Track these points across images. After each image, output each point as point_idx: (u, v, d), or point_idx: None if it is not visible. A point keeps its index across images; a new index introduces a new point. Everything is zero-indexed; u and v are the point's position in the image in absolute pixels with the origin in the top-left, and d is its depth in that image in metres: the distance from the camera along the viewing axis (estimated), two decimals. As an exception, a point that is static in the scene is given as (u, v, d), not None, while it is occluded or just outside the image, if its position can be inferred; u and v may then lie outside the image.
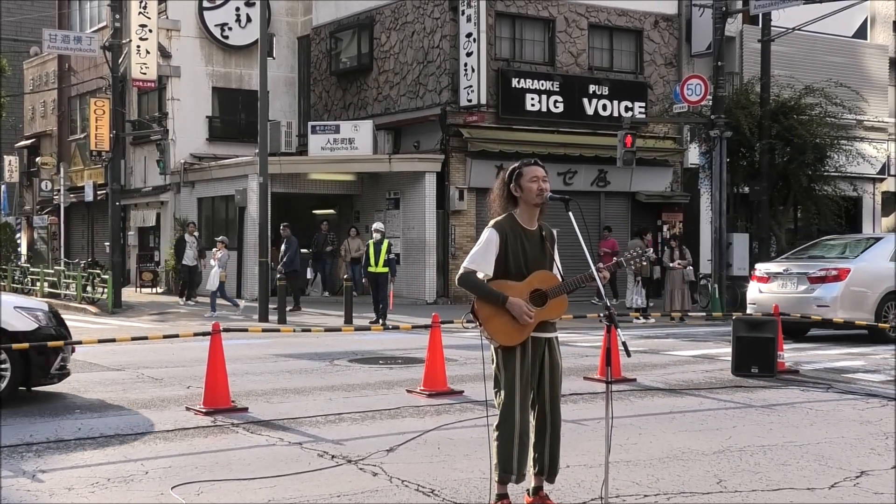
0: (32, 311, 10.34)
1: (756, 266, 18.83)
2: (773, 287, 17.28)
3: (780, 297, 16.54)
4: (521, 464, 5.83)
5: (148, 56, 28.55)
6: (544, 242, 5.94)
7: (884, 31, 33.37)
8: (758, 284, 17.70)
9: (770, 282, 17.42)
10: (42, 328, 10.20)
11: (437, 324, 10.86)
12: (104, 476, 6.93)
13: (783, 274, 17.28)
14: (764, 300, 16.94)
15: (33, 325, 10.11)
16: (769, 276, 17.54)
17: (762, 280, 17.62)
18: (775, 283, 17.33)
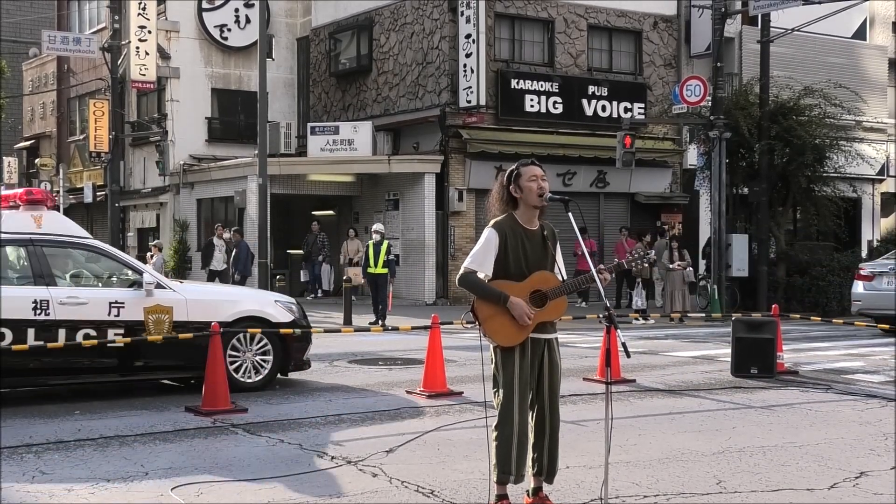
0: (288, 304, 11.43)
1: (861, 265, 19.95)
2: (878, 284, 17.97)
3: (884, 294, 17.29)
4: (520, 464, 5.83)
5: (147, 57, 28.55)
6: (546, 242, 5.93)
7: (883, 31, 33.38)
8: (862, 282, 18.69)
9: (874, 280, 18.08)
10: (296, 320, 11.25)
11: (437, 325, 10.86)
12: (104, 477, 6.93)
13: (888, 272, 18.22)
14: (869, 297, 18.09)
15: (290, 317, 11.17)
16: (874, 274, 18.49)
17: (866, 279, 18.33)
18: (880, 280, 17.97)
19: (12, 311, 9.62)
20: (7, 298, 9.61)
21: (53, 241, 10.33)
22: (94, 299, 10.12)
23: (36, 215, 10.41)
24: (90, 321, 10.00)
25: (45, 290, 9.89)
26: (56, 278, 10.14)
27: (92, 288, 10.42)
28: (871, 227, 32.09)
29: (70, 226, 10.86)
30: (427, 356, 10.76)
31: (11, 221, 10.27)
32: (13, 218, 10.33)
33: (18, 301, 9.69)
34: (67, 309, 9.89)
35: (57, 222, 10.67)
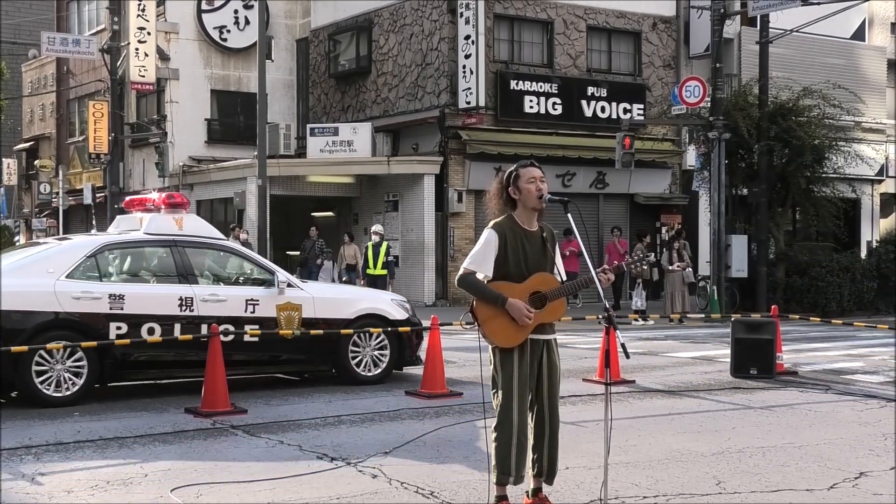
0: (402, 302, 12.18)
1: None
2: None
3: None
4: (520, 465, 5.83)
5: (146, 58, 28.55)
6: (545, 244, 5.93)
7: (882, 32, 33.39)
8: None
9: None
10: (410, 317, 11.97)
11: (436, 326, 10.86)
12: (103, 479, 6.93)
13: None
14: None
15: (405, 315, 11.89)
16: None
17: None
18: None
19: (161, 307, 10.42)
20: (156, 295, 10.49)
21: (193, 243, 11.08)
22: (233, 297, 10.86)
23: (177, 218, 11.19)
24: (229, 317, 10.70)
25: (188, 287, 10.64)
26: (197, 277, 10.89)
27: (230, 286, 11.11)
28: (871, 228, 32.10)
29: (207, 228, 11.60)
30: (426, 357, 10.76)
31: (155, 224, 11.05)
32: (157, 220, 11.09)
33: (165, 298, 10.48)
34: (209, 305, 10.64)
35: (195, 224, 11.48)
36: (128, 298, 10.28)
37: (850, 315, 23.84)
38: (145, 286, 10.69)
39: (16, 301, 9.78)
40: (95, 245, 10.60)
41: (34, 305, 9.89)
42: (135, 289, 10.52)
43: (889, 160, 31.68)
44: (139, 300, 10.37)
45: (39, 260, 10.41)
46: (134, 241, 10.98)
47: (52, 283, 10.01)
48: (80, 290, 10.10)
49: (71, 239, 11.18)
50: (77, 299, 10.04)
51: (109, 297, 10.19)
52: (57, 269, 10.19)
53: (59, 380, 9.90)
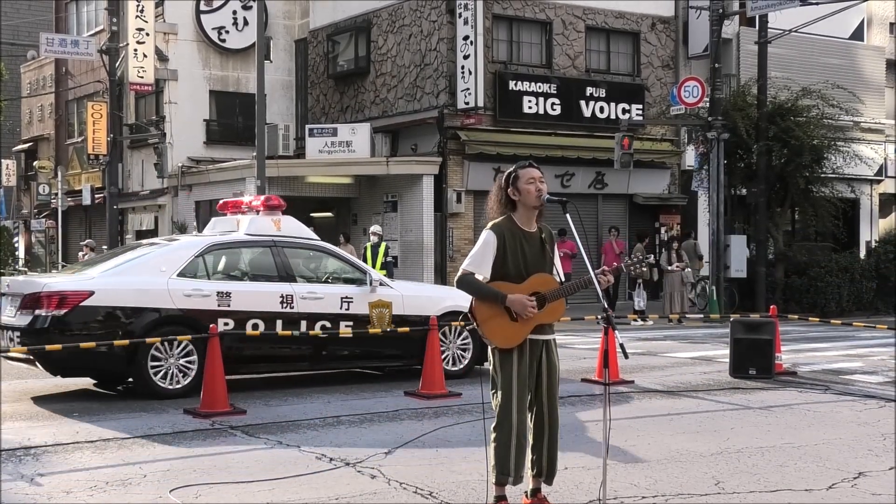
0: None
1: None
2: None
3: None
4: (519, 465, 5.83)
5: (145, 59, 28.55)
6: (544, 244, 5.93)
7: (880, 32, 33.40)
8: None
9: None
10: None
11: (435, 326, 10.86)
12: (102, 479, 6.93)
13: None
14: None
15: None
16: None
17: None
18: None
19: (264, 304, 10.98)
20: (259, 293, 11.05)
21: (291, 243, 11.71)
22: (329, 294, 11.44)
23: (275, 219, 11.87)
24: (326, 314, 11.30)
25: (289, 286, 11.23)
26: (296, 276, 11.48)
27: (326, 284, 11.70)
28: (870, 228, 32.10)
29: (303, 229, 12.23)
30: (425, 357, 10.76)
31: (255, 225, 11.72)
32: (256, 222, 11.76)
33: (267, 296, 11.04)
34: (308, 303, 11.20)
35: (292, 225, 12.06)
36: (234, 296, 10.86)
37: (849, 315, 23.86)
38: (250, 284, 11.26)
39: (133, 298, 10.44)
40: (203, 245, 11.19)
41: (149, 302, 10.48)
42: (240, 286, 11.10)
43: (888, 160, 31.69)
44: (244, 297, 10.95)
45: (152, 259, 10.97)
46: (237, 242, 11.59)
47: (165, 281, 10.61)
48: (190, 287, 10.70)
49: (179, 239, 11.90)
50: (188, 296, 10.64)
51: (217, 294, 10.78)
52: (169, 268, 10.78)
53: (171, 373, 10.48)
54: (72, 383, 11.75)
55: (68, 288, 10.34)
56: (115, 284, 10.52)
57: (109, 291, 10.41)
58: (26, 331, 10.15)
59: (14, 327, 10.36)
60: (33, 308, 10.22)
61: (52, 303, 10.14)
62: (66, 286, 10.38)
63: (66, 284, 10.45)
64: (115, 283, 10.52)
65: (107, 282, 10.50)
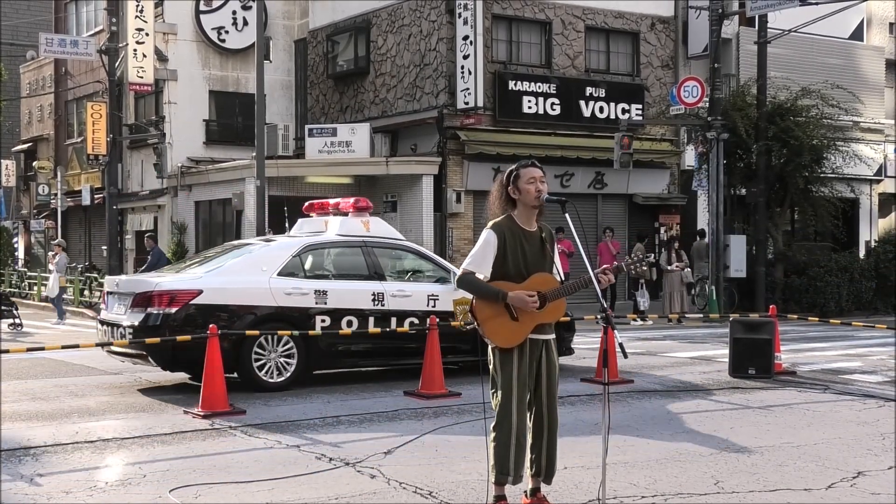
0: None
1: None
2: None
3: None
4: (518, 465, 5.83)
5: (144, 60, 28.54)
6: (544, 244, 5.94)
7: (880, 32, 33.41)
8: None
9: None
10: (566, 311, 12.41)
11: (435, 326, 10.86)
12: (102, 479, 6.93)
13: None
14: None
15: None
16: None
17: None
18: None
19: (356, 302, 11.53)
20: (353, 291, 11.58)
21: (380, 243, 12.26)
22: (417, 292, 11.99)
23: (364, 220, 12.45)
24: (414, 311, 11.85)
25: (379, 284, 11.82)
26: (385, 274, 12.06)
27: (414, 283, 12.24)
28: (869, 228, 32.11)
29: (390, 229, 12.88)
30: (425, 357, 10.76)
31: (346, 226, 12.26)
32: (347, 223, 12.30)
33: (360, 294, 11.58)
34: (397, 300, 11.76)
35: (380, 226, 12.71)
36: (330, 294, 11.45)
37: (849, 315, 23.86)
38: (344, 283, 11.74)
39: (239, 296, 11.03)
40: (300, 246, 11.76)
41: (254, 300, 11.07)
42: (335, 285, 11.62)
43: (887, 160, 31.70)
44: (339, 295, 11.50)
45: (254, 260, 11.56)
46: (330, 242, 12.14)
47: (266, 280, 11.19)
48: (290, 286, 11.26)
49: (275, 241, 12.32)
50: (289, 294, 11.21)
51: (315, 292, 11.38)
52: (269, 267, 11.35)
53: (273, 367, 11.02)
54: (70, 382, 11.77)
55: (179, 287, 10.91)
56: (222, 283, 11.08)
57: (217, 290, 10.97)
58: (139, 328, 10.67)
59: (126, 324, 10.87)
60: (145, 306, 10.77)
61: (163, 301, 10.72)
62: (176, 285, 10.95)
63: (176, 283, 11.00)
64: (221, 283, 11.09)
65: (214, 281, 11.07)
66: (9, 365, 12.38)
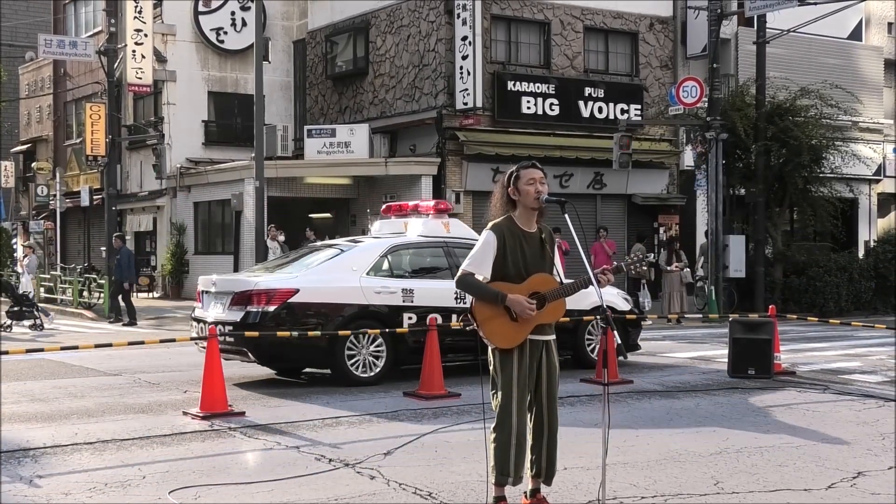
0: (624, 296, 13.97)
1: None
2: None
3: None
4: (518, 466, 5.83)
5: (143, 60, 28.54)
6: (544, 245, 5.93)
7: (879, 32, 33.42)
8: None
9: None
10: (632, 308, 13.88)
11: (434, 327, 10.86)
12: (101, 481, 6.92)
13: None
14: None
15: (628, 306, 13.61)
16: None
17: None
18: None
19: (440, 300, 12.02)
20: (437, 289, 12.05)
21: (459, 244, 12.53)
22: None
23: (444, 222, 13.03)
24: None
25: None
26: None
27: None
28: (868, 228, 32.12)
29: (467, 230, 13.32)
30: (424, 358, 10.76)
31: (427, 227, 12.83)
32: (429, 224, 12.89)
33: (444, 292, 11.98)
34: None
35: (458, 227, 13.22)
36: (416, 292, 11.97)
37: (848, 315, 23.86)
38: (428, 281, 12.24)
39: (332, 295, 11.57)
40: (386, 246, 12.28)
41: (346, 298, 11.58)
42: (421, 284, 12.13)
43: (886, 160, 31.71)
44: (425, 293, 12.02)
45: (344, 260, 12.07)
46: (414, 243, 12.64)
47: (357, 279, 11.75)
48: (380, 285, 11.84)
49: (362, 241, 12.85)
50: (378, 293, 11.77)
51: (402, 291, 11.91)
52: (359, 267, 11.91)
53: (365, 363, 11.56)
54: (70, 384, 11.76)
55: (277, 286, 11.43)
56: (316, 283, 11.62)
57: (311, 289, 11.49)
58: (239, 325, 11.17)
59: (225, 322, 11.33)
60: (245, 304, 11.31)
61: (262, 300, 11.27)
62: (274, 284, 11.48)
63: (274, 283, 11.54)
64: (315, 282, 11.63)
65: (308, 280, 11.61)
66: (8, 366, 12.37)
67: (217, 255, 28.54)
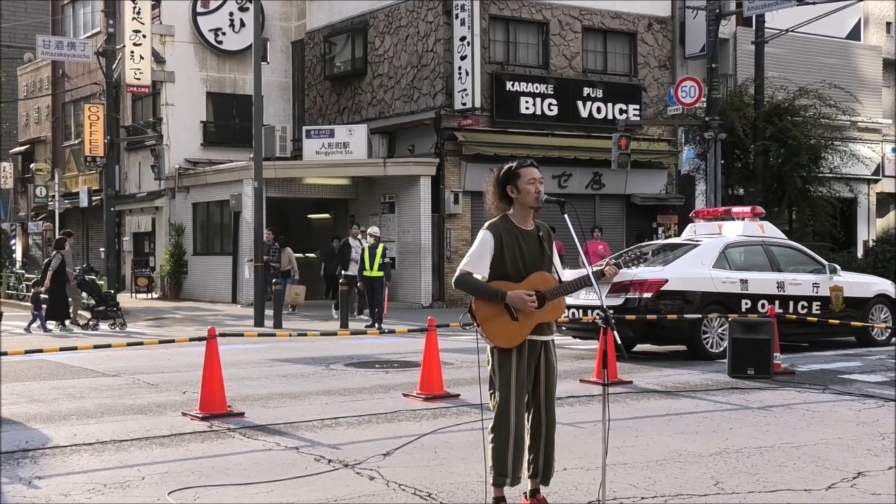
0: None
1: None
2: None
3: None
4: (516, 467, 5.81)
5: (142, 61, 28.54)
6: (542, 243, 5.92)
7: (877, 32, 33.43)
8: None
9: None
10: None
11: (433, 327, 10.84)
12: (101, 482, 6.91)
13: None
14: None
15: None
16: None
17: None
18: None
19: (766, 289, 14.62)
20: (764, 280, 14.64)
21: (773, 242, 15.49)
22: (805, 281, 15.08)
23: (760, 224, 15.80)
24: (804, 296, 14.97)
25: (779, 275, 14.92)
26: (780, 267, 15.05)
27: (801, 273, 15.19)
28: (867, 227, 32.12)
29: (777, 231, 16.32)
30: (424, 359, 10.73)
31: (747, 229, 15.61)
32: (748, 226, 15.66)
33: (768, 282, 14.68)
34: (792, 287, 14.88)
35: (770, 229, 16.05)
36: (750, 283, 14.48)
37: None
38: (756, 273, 14.68)
39: (691, 284, 14.14)
40: (724, 244, 14.85)
41: (701, 287, 14.14)
42: (751, 275, 14.57)
43: (885, 159, 31.72)
44: (755, 283, 14.53)
45: (696, 255, 14.58)
46: (742, 242, 15.16)
47: (707, 272, 14.28)
48: (724, 276, 14.36)
49: (702, 242, 15.11)
50: (723, 283, 14.30)
51: (740, 281, 14.44)
52: (706, 261, 14.44)
53: (713, 341, 13.95)
54: (69, 385, 11.74)
55: (651, 277, 13.94)
56: (679, 274, 14.13)
57: (677, 279, 14.04)
58: (620, 308, 13.58)
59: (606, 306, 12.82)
60: (624, 292, 13.83)
61: (641, 288, 13.82)
62: (648, 275, 13.94)
63: (647, 274, 13.97)
64: (678, 273, 14.13)
65: (673, 272, 14.11)
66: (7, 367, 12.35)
67: (216, 256, 28.55)
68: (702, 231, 15.89)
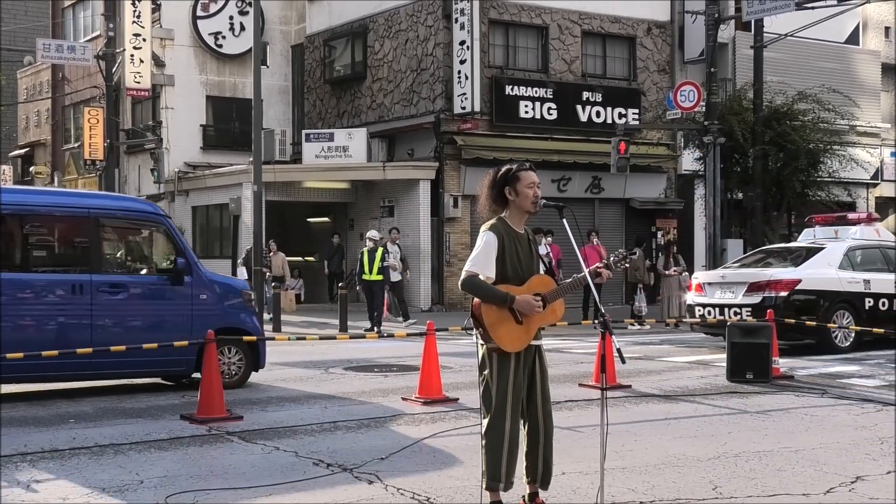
0: None
1: None
2: None
3: None
4: (510, 471, 5.81)
5: (142, 65, 28.56)
6: (531, 245, 5.97)
7: (876, 36, 33.47)
8: None
9: None
10: None
11: (433, 331, 10.85)
12: (99, 486, 6.91)
13: None
14: None
15: None
16: None
17: None
18: None
19: (885, 288, 15.85)
20: (882, 280, 15.90)
21: (888, 245, 16.82)
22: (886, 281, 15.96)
23: (875, 228, 17.30)
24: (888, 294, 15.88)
25: None
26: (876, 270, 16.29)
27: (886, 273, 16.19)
28: (866, 232, 32.09)
29: (890, 235, 17.75)
30: (423, 363, 10.74)
31: (863, 233, 16.89)
32: (864, 231, 16.98)
33: (887, 282, 15.85)
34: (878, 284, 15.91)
35: (885, 233, 17.62)
36: (872, 282, 15.81)
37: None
38: (876, 274, 15.97)
39: (821, 284, 15.49)
40: (847, 247, 16.23)
41: (830, 286, 15.54)
42: (872, 276, 15.90)
43: (884, 164, 31.74)
44: (876, 283, 15.83)
45: (822, 257, 15.95)
46: (861, 245, 16.49)
47: (834, 272, 15.70)
48: (849, 276, 15.74)
49: (827, 245, 16.42)
50: (849, 283, 15.66)
51: (863, 281, 15.79)
52: (832, 263, 15.83)
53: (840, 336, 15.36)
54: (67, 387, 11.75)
55: (786, 277, 15.40)
56: (809, 275, 15.48)
57: (808, 279, 15.42)
58: (757, 307, 14.93)
59: (742, 305, 15.40)
60: (760, 291, 15.27)
61: (778, 287, 15.25)
62: (783, 276, 15.45)
63: (782, 274, 15.47)
64: (808, 274, 15.50)
65: (805, 273, 15.48)
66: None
67: (215, 260, 28.53)
68: (820, 235, 17.31)
